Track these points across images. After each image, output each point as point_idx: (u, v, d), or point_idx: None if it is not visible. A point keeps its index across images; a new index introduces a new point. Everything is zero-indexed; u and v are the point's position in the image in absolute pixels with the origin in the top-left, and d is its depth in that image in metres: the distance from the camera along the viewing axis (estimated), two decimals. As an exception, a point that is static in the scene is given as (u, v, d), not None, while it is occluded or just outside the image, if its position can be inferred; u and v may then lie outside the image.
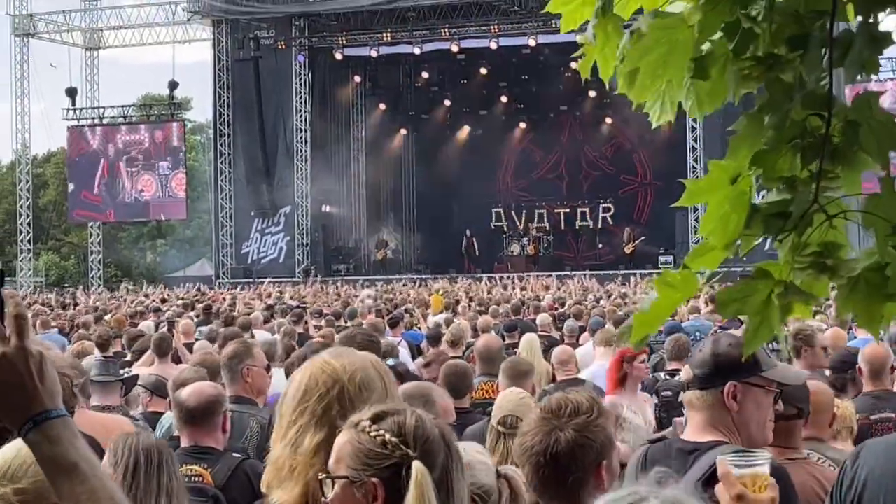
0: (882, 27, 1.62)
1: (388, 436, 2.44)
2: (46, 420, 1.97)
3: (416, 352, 14.31)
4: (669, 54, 1.68)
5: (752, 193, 1.65)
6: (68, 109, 49.32)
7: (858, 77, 1.58)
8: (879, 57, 1.67)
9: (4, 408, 1.96)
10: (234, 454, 5.58)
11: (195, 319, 18.51)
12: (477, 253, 47.31)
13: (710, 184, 1.67)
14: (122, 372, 8.74)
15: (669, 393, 8.91)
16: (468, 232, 47.92)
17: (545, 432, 3.46)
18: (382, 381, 2.75)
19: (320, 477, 2.51)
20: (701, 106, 1.76)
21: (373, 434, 2.45)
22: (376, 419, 2.49)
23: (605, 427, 3.53)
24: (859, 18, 1.65)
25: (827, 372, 7.40)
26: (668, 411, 8.57)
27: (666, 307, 1.73)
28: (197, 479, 5.39)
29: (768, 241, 1.71)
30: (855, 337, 10.86)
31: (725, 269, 1.80)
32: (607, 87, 1.92)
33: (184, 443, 5.58)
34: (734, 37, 1.63)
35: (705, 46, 1.66)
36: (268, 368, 7.22)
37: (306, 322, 18.06)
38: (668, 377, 9.43)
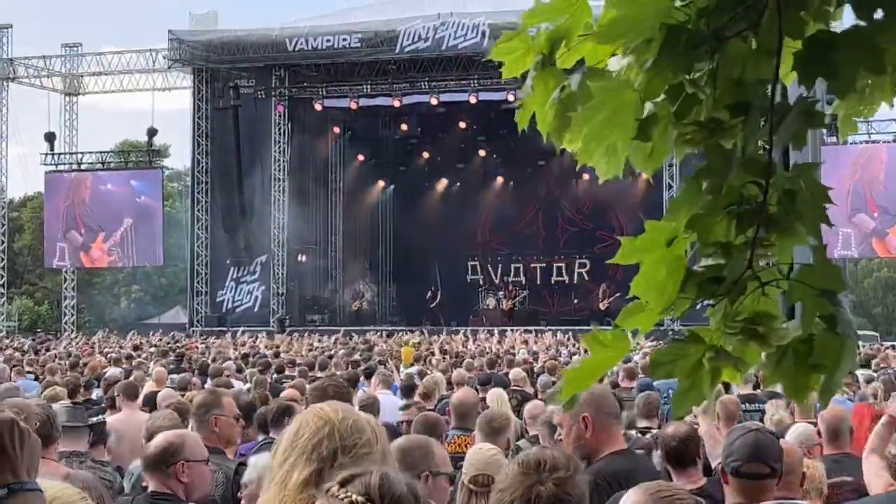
0: (820, 106, 1.66)
1: (355, 496, 2.46)
2: (21, 490, 1.97)
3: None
4: (615, 116, 1.71)
5: (687, 257, 1.67)
6: (46, 154, 49.31)
7: (789, 147, 1.61)
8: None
9: None
10: None
11: (168, 367, 18.39)
12: (440, 307, 47.24)
13: (646, 243, 1.69)
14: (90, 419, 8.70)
15: (641, 451, 8.89)
16: (433, 287, 48.00)
17: (526, 486, 3.47)
18: (373, 430, 2.81)
19: None
20: (643, 163, 1.79)
21: (342, 497, 2.47)
22: (344, 482, 2.51)
23: (582, 483, 3.57)
24: (801, 89, 1.68)
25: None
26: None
27: (597, 366, 1.75)
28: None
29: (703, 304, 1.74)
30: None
31: (659, 329, 1.82)
32: (544, 139, 1.94)
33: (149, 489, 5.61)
34: (676, 100, 1.66)
35: (648, 107, 1.69)
36: (238, 418, 7.19)
37: (279, 372, 17.98)
38: (639, 434, 9.41)
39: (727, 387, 10.42)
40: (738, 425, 5.37)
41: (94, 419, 9.23)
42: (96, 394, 14.31)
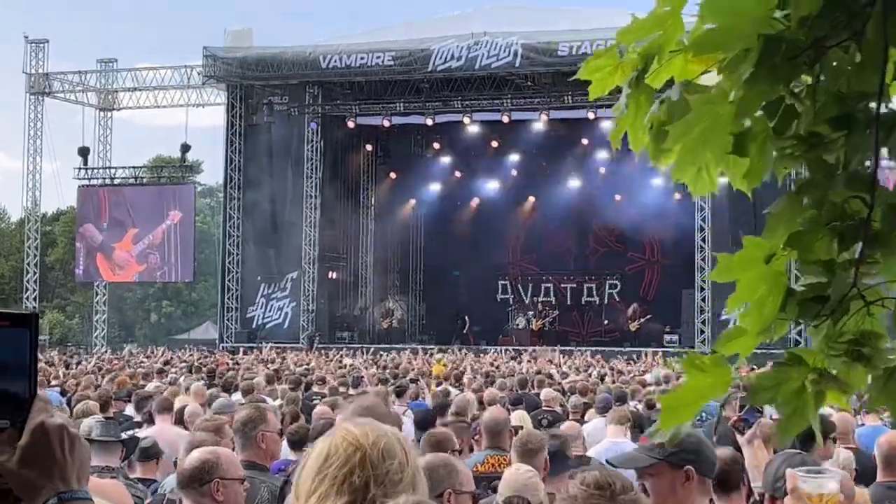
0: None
1: None
2: (72, 499, 1.91)
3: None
4: (710, 130, 1.64)
5: (787, 275, 1.60)
6: (80, 169, 49.56)
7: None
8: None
9: (30, 479, 1.89)
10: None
11: (203, 382, 18.37)
12: (471, 337, 47.03)
13: (743, 261, 1.62)
14: (124, 434, 8.69)
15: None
16: (465, 316, 47.84)
17: None
18: (403, 449, 2.72)
19: None
20: (740, 180, 1.72)
21: None
22: None
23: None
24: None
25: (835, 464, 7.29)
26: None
27: (697, 394, 1.66)
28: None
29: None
30: (862, 424, 10.75)
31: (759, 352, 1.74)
32: (637, 157, 1.88)
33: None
34: (775, 114, 1.60)
35: (745, 122, 1.62)
36: (281, 434, 7.16)
37: (307, 389, 17.93)
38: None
39: (759, 410, 10.30)
40: (783, 451, 5.29)
41: (126, 434, 9.23)
42: (130, 409, 14.30)
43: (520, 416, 10.47)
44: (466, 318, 47.69)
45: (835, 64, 1.60)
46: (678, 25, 1.72)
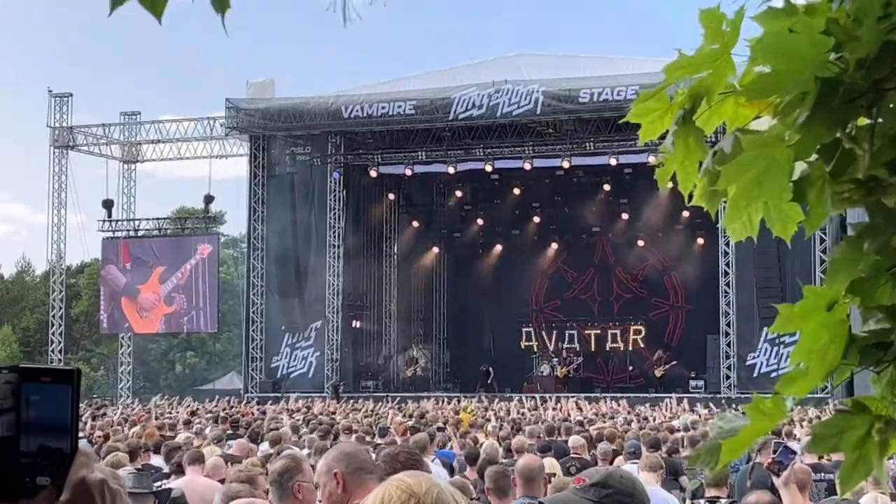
0: None
1: None
2: None
3: (449, 470, 14.11)
4: (765, 174, 1.62)
5: (849, 322, 1.58)
6: (104, 221, 49.80)
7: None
8: None
9: None
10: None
11: (225, 434, 18.34)
12: (497, 387, 46.86)
13: (805, 310, 1.60)
14: (154, 485, 8.70)
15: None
16: (489, 367, 47.68)
17: None
18: (454, 500, 2.69)
19: None
20: (780, 228, 1.70)
21: None
22: None
23: None
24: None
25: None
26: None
27: (755, 433, 1.65)
28: None
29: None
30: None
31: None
32: (686, 199, 1.85)
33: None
34: (832, 157, 1.58)
35: (801, 167, 1.61)
36: (317, 486, 7.10)
37: (335, 438, 17.89)
38: (709, 503, 9.21)
39: (794, 452, 10.21)
40: (827, 499, 5.23)
41: (158, 485, 9.22)
42: (156, 460, 14.28)
43: (550, 464, 10.40)
44: (491, 368, 47.55)
45: (892, 106, 1.58)
46: (728, 65, 1.70)
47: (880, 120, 1.59)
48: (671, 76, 1.77)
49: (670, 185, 1.88)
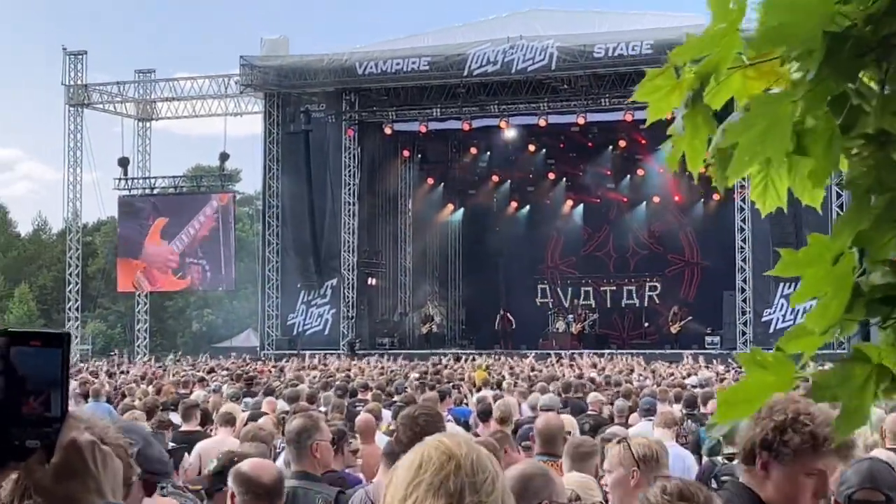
0: None
1: None
2: None
3: (464, 427, 14.15)
4: (769, 130, 1.61)
5: (854, 275, 1.58)
6: (120, 179, 49.85)
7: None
8: None
9: (67, 493, 1.90)
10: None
11: (240, 391, 18.40)
12: (514, 327, 47.16)
13: (809, 257, 1.59)
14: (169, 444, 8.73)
15: (728, 477, 8.72)
16: (502, 309, 47.87)
17: None
18: (493, 464, 2.69)
19: None
20: (804, 187, 1.69)
21: None
22: None
23: None
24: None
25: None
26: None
27: (756, 390, 1.64)
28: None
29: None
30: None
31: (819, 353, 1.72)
32: (696, 179, 1.85)
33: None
34: (841, 112, 1.57)
35: (809, 121, 1.60)
36: (332, 442, 7.13)
37: (352, 396, 17.95)
38: (725, 461, 9.21)
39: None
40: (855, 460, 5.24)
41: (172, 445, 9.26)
42: (174, 417, 14.36)
43: (569, 422, 10.42)
44: (510, 314, 47.56)
45: (902, 61, 1.58)
46: (735, 41, 1.69)
47: (889, 75, 1.58)
48: (678, 59, 1.75)
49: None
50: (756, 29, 1.66)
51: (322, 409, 14.02)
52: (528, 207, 51.12)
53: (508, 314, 47.63)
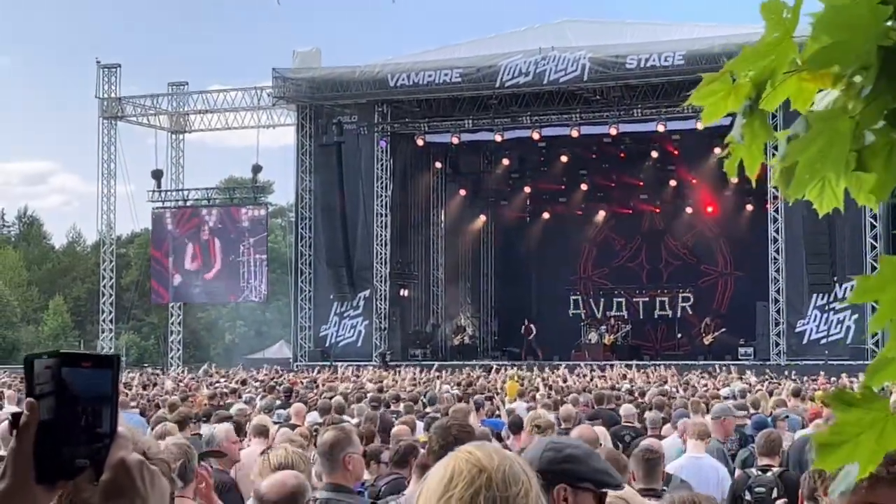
0: None
1: None
2: None
3: (496, 439, 14.11)
4: (829, 147, 1.60)
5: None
6: (153, 191, 50.14)
7: None
8: None
9: None
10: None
11: (275, 403, 18.44)
12: (532, 335, 47.18)
13: (882, 282, 1.57)
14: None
15: (762, 489, 8.68)
16: (526, 321, 47.87)
17: None
18: (526, 474, 2.65)
19: None
20: (865, 197, 1.67)
21: None
22: None
23: None
24: None
25: None
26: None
27: (851, 429, 1.58)
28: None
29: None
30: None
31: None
32: (753, 184, 1.83)
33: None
34: (899, 125, 1.55)
35: (867, 136, 1.58)
36: (364, 454, 7.13)
37: (386, 407, 17.93)
38: (759, 473, 9.15)
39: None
40: None
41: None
42: (206, 430, 14.37)
43: (602, 434, 10.36)
44: (532, 325, 47.61)
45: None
46: (790, 48, 1.68)
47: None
48: (736, 69, 1.74)
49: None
50: (808, 46, 1.64)
51: (354, 420, 14.02)
52: (560, 218, 51.04)
53: (531, 324, 47.64)
